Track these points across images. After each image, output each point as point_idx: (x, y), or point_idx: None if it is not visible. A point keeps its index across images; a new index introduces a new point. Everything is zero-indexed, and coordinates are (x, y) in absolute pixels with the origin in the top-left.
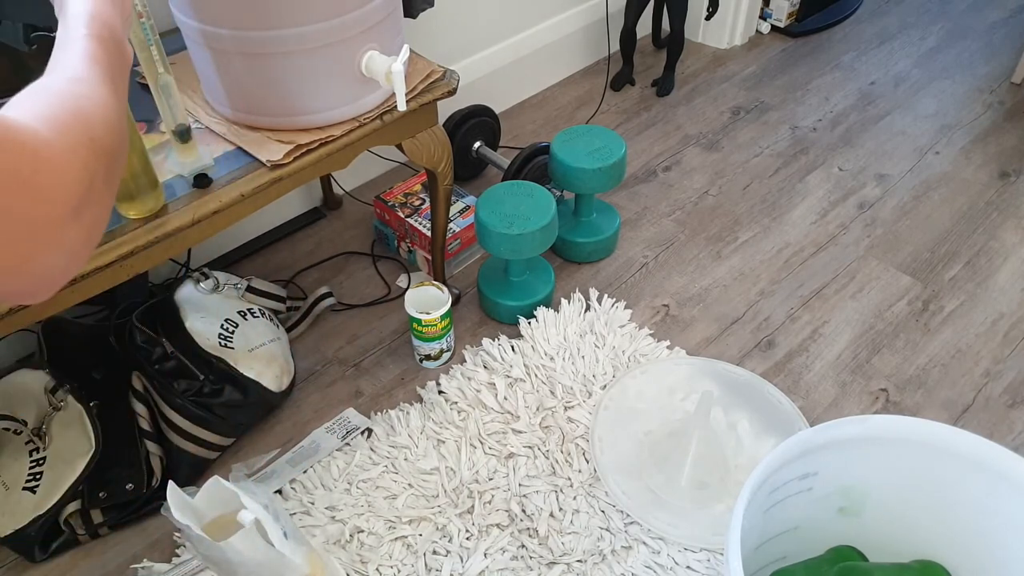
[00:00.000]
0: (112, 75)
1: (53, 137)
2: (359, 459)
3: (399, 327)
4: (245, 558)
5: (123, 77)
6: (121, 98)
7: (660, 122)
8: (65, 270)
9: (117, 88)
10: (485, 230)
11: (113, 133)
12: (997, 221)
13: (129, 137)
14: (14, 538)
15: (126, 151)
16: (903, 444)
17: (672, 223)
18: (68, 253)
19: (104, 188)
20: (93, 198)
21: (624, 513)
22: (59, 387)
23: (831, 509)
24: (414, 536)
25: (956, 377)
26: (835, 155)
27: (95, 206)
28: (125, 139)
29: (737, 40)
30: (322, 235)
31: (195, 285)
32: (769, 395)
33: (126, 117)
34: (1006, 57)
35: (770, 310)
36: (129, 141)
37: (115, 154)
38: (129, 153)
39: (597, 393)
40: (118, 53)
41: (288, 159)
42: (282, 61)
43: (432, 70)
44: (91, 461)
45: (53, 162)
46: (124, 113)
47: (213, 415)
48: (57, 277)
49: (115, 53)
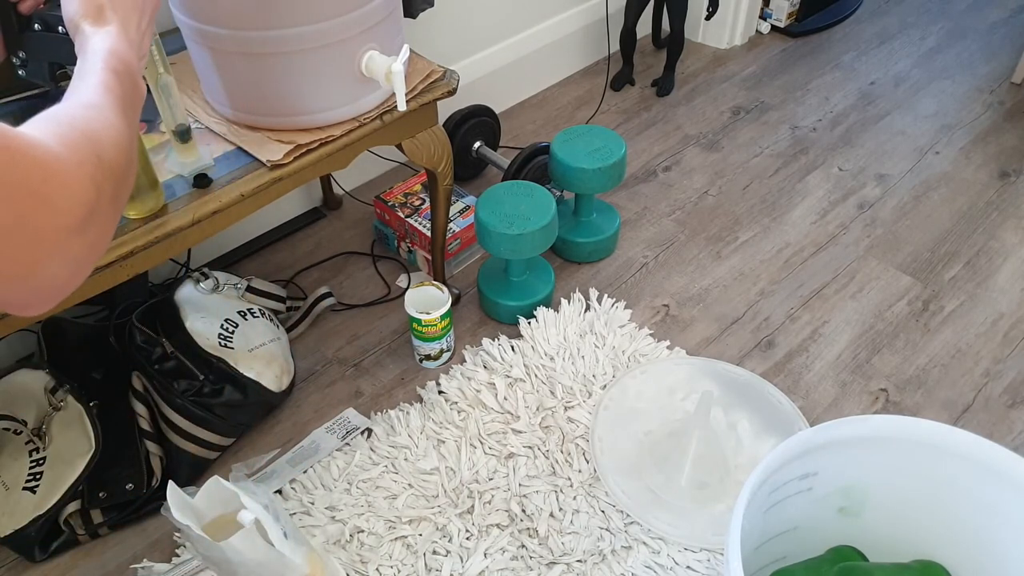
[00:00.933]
0: (124, 105)
1: (64, 152)
2: (359, 459)
3: (399, 327)
4: (245, 558)
5: (135, 108)
6: (132, 125)
7: (660, 122)
8: (67, 282)
9: (128, 116)
10: (485, 230)
11: (122, 155)
12: (997, 221)
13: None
14: (14, 538)
15: (134, 173)
16: (903, 444)
17: (672, 223)
18: (71, 265)
19: (110, 206)
20: (99, 213)
21: (624, 513)
22: (59, 387)
23: (831, 509)
24: (414, 536)
25: (956, 377)
26: (835, 155)
27: (100, 222)
28: (134, 162)
29: (737, 40)
30: (322, 235)
31: (195, 285)
32: (769, 395)
33: (136, 143)
34: (1006, 57)
35: (770, 310)
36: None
37: (123, 174)
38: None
39: (597, 393)
40: (131, 85)
41: (288, 159)
42: (282, 61)
43: (432, 70)
44: (91, 461)
45: (63, 175)
46: (135, 139)
47: (213, 415)
48: (59, 289)
49: (129, 86)
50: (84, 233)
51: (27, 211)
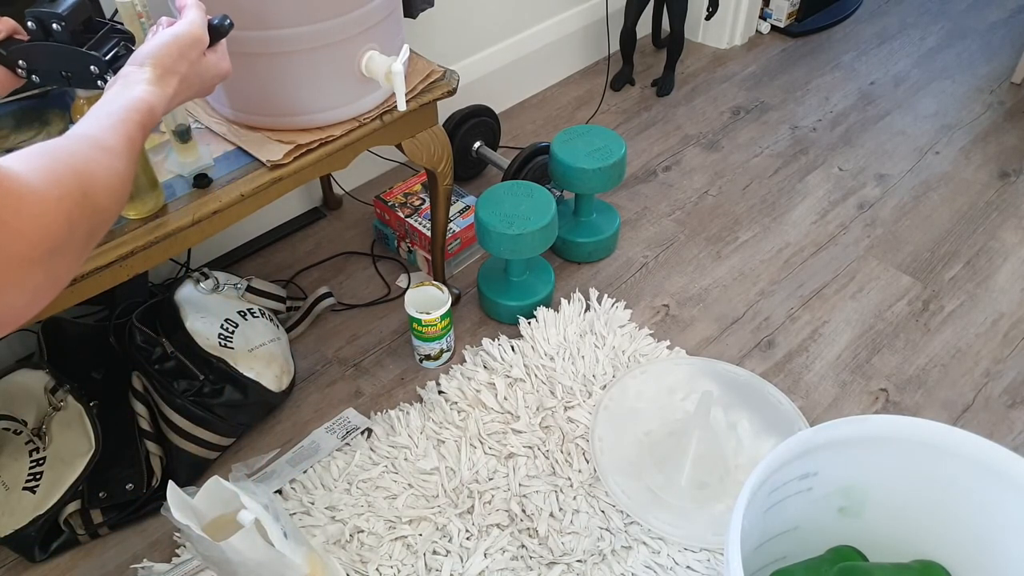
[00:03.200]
0: (136, 155)
1: (42, 186)
2: (359, 459)
3: (399, 327)
4: (245, 558)
5: (143, 141)
6: (134, 162)
7: (660, 122)
8: (22, 311)
9: (135, 156)
10: (485, 230)
11: (113, 199)
12: (997, 221)
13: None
14: (14, 538)
15: (118, 213)
16: (903, 444)
17: (672, 223)
18: (29, 294)
19: (82, 243)
20: (68, 249)
21: (624, 513)
22: (59, 387)
23: (831, 509)
24: (414, 536)
25: (956, 377)
26: (835, 155)
27: (68, 256)
28: (123, 204)
29: (737, 40)
30: (322, 235)
31: (195, 285)
32: (769, 395)
33: (132, 184)
34: (1006, 57)
35: (770, 310)
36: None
37: (106, 216)
38: None
39: (597, 393)
40: (149, 127)
41: (288, 159)
42: (282, 61)
43: (432, 70)
44: (91, 461)
45: (36, 207)
46: (131, 178)
47: (213, 415)
48: (13, 316)
49: (147, 128)
50: (48, 265)
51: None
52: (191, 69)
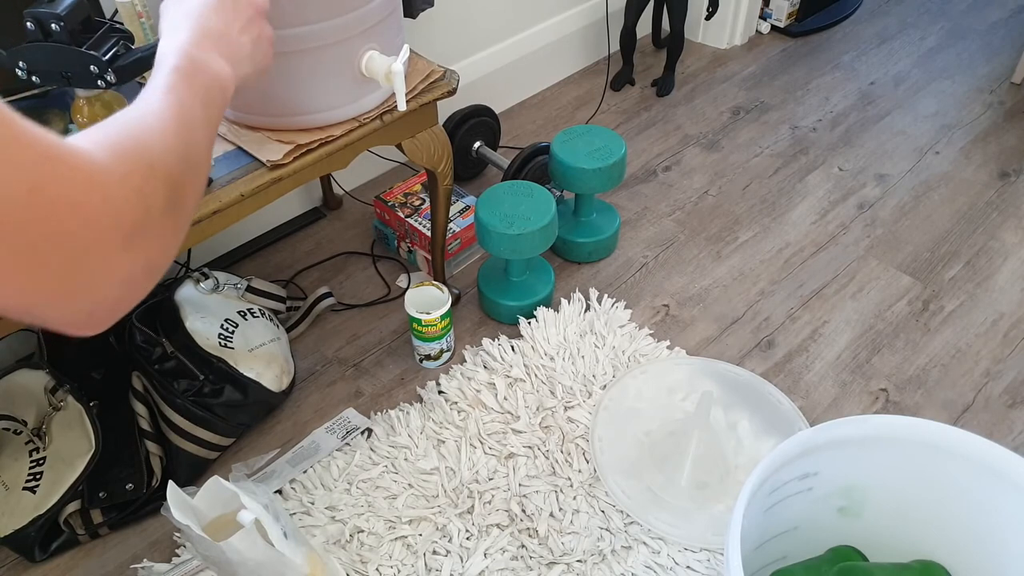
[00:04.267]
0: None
1: (110, 162)
2: (359, 459)
3: (399, 327)
4: (245, 558)
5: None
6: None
7: (660, 122)
8: (120, 301)
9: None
10: (485, 230)
11: (178, 161)
12: (997, 221)
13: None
14: (14, 538)
15: (199, 181)
16: (903, 444)
17: (672, 223)
18: (123, 284)
19: (163, 218)
20: (150, 228)
21: (624, 513)
22: (59, 387)
23: (831, 509)
24: (414, 536)
25: (956, 377)
26: (835, 155)
27: (152, 236)
28: (197, 169)
29: (737, 40)
30: (322, 235)
31: (195, 285)
32: (769, 395)
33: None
34: (1006, 57)
35: (770, 310)
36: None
37: (179, 183)
38: None
39: (597, 393)
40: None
41: (288, 159)
42: (282, 61)
43: (432, 70)
44: (91, 461)
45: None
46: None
47: (213, 415)
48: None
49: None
50: (132, 248)
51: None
52: (230, 25)
